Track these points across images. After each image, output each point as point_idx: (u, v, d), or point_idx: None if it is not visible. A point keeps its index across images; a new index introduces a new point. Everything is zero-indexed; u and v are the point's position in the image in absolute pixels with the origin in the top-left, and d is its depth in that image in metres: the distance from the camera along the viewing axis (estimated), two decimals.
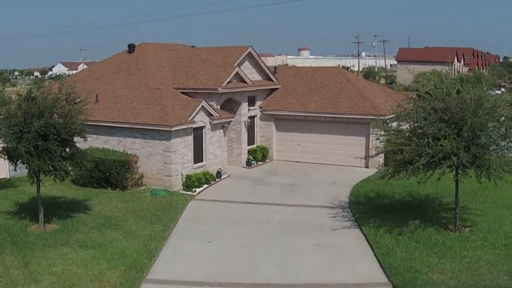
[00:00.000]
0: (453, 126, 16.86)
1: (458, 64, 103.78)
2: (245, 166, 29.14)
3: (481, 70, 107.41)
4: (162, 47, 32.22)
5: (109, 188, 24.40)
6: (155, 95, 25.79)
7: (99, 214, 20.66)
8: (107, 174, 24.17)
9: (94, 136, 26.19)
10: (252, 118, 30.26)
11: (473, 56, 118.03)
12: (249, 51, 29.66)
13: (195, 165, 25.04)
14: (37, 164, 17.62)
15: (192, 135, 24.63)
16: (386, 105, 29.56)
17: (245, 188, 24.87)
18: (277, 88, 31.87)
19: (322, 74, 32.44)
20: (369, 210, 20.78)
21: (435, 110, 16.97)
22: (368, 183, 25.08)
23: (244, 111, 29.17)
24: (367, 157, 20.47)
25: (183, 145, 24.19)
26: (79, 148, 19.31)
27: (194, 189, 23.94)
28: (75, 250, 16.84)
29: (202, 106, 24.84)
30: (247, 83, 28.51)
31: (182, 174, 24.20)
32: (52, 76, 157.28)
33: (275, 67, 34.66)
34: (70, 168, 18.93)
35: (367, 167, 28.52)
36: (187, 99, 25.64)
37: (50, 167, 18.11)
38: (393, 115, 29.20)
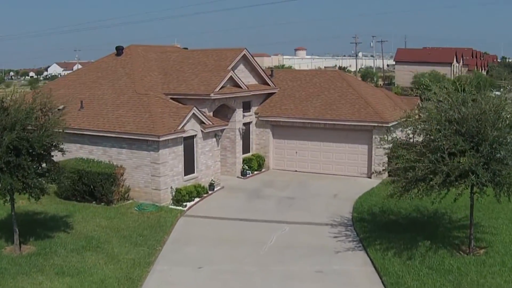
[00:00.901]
0: (469, 140, 15.17)
1: (457, 64, 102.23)
2: (240, 176, 27.41)
3: (480, 71, 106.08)
4: (152, 49, 30.45)
5: (94, 202, 22.70)
6: (143, 101, 24.02)
7: (80, 233, 18.93)
8: (91, 187, 22.46)
9: (78, 145, 24.58)
10: (247, 125, 28.53)
11: (472, 57, 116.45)
12: (244, 54, 27.93)
13: (186, 177, 23.29)
14: (8, 182, 15.87)
15: (183, 145, 22.88)
16: (391, 111, 28.03)
17: (239, 202, 23.12)
18: (274, 93, 30.15)
19: (322, 77, 30.71)
20: (375, 228, 19.10)
21: (450, 122, 15.28)
22: (372, 196, 23.39)
23: (239, 117, 27.43)
24: (374, 173, 18.82)
25: (173, 156, 22.44)
26: (57, 162, 17.57)
27: (184, 204, 22.20)
28: (50, 279, 15.15)
29: (193, 113, 23.09)
30: (241, 88, 26.77)
31: (171, 188, 22.46)
32: (47, 77, 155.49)
33: (271, 70, 32.93)
34: (46, 185, 17.11)
35: (369, 177, 26.86)
36: (177, 106, 23.88)
37: (24, 185, 16.35)
38: (397, 122, 27.70)
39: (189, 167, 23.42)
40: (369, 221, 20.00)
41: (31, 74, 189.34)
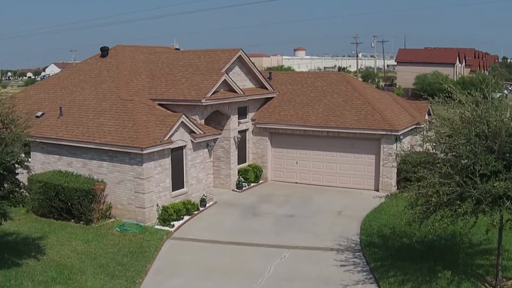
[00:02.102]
0: (501, 157, 12.84)
1: (460, 65, 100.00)
2: (235, 189, 25.03)
3: (482, 72, 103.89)
4: (140, 50, 28.09)
5: (72, 220, 20.42)
6: (127, 108, 21.66)
7: (52, 260, 16.60)
8: (69, 204, 20.16)
9: (57, 156, 22.30)
10: (243, 132, 26.15)
11: (475, 57, 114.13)
12: (240, 55, 25.52)
13: (174, 192, 20.93)
14: None
15: (170, 157, 20.50)
16: (400, 117, 25.68)
17: (233, 221, 20.71)
18: (273, 97, 27.79)
19: (324, 80, 28.31)
20: (387, 255, 16.73)
21: (479, 137, 12.92)
22: (381, 213, 21.04)
23: (234, 125, 25.05)
24: (389, 195, 16.45)
25: (159, 170, 20.07)
26: (21, 182, 15.23)
27: (172, 223, 19.85)
28: None
29: (182, 122, 20.71)
30: (237, 92, 24.38)
31: (157, 205, 20.10)
32: (44, 77, 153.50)
33: (269, 73, 30.53)
34: (8, 209, 14.75)
35: (377, 190, 24.55)
36: (164, 114, 21.50)
37: None
38: (407, 129, 25.39)
39: (177, 182, 21.05)
40: (380, 245, 17.64)
41: (29, 74, 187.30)
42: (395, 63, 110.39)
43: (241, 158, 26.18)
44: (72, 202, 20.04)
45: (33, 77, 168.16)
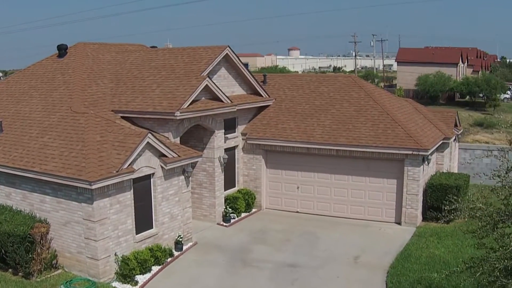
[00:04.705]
0: None
1: (462, 65, 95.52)
2: (221, 222, 20.04)
3: (485, 72, 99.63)
4: (106, 49, 23.05)
5: (10, 270, 15.55)
6: (77, 124, 16.63)
7: None
8: (2, 251, 15.24)
9: None
10: (231, 150, 21.16)
11: (477, 57, 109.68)
12: (227, 53, 20.49)
13: (139, 236, 15.89)
14: None
15: (132, 190, 15.44)
16: (426, 131, 20.83)
17: (216, 275, 15.55)
18: (268, 106, 22.83)
19: (331, 85, 23.30)
20: None
21: None
22: (410, 261, 15.98)
23: (219, 142, 20.03)
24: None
25: (117, 208, 15.03)
26: None
27: (135, 279, 14.87)
28: None
29: (148, 143, 15.68)
30: (222, 101, 19.37)
31: (116, 255, 15.09)
32: None
33: (264, 75, 25.52)
34: None
35: (398, 222, 19.69)
36: (125, 132, 16.42)
37: None
38: (435, 147, 20.59)
39: (143, 222, 16.02)
40: None
41: None
42: (392, 63, 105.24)
43: (229, 182, 21.18)
44: (6, 250, 15.13)
45: None
